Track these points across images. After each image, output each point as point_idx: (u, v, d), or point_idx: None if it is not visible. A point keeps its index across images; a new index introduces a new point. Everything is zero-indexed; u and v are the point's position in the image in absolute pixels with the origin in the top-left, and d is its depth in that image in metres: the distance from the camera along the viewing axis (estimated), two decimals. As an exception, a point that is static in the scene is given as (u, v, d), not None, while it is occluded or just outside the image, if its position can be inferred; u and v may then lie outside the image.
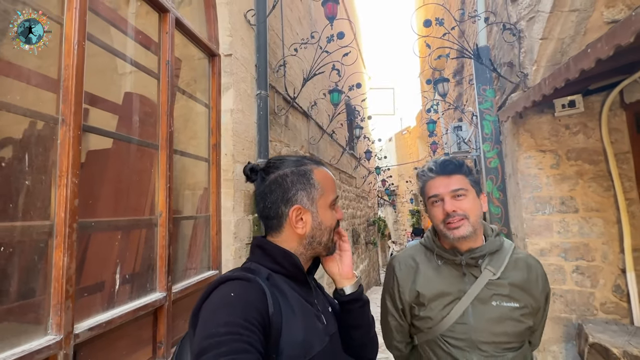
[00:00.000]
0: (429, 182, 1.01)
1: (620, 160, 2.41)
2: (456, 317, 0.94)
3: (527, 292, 0.95)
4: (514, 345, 0.93)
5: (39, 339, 0.96)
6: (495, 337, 0.92)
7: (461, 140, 4.70)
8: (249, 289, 0.60)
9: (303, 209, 0.70)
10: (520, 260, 1.00)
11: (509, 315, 0.93)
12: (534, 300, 0.96)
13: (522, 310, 0.93)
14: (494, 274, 0.95)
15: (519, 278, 0.96)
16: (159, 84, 1.62)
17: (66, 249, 1.02)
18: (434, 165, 1.01)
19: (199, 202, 1.96)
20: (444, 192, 0.96)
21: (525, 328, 0.94)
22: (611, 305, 2.36)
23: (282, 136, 3.16)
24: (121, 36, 1.47)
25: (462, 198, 0.95)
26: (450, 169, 0.98)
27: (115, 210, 1.35)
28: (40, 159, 1.03)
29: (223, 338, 0.51)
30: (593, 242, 2.43)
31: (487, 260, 0.97)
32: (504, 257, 0.98)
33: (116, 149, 1.38)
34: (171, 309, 1.50)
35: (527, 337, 0.97)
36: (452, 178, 0.97)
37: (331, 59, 3.32)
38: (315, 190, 0.72)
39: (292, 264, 0.69)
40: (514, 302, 0.94)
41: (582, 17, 2.31)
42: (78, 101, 1.10)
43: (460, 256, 0.97)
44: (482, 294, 0.94)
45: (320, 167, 0.76)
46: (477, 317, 0.93)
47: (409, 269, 1.05)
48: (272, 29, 3.01)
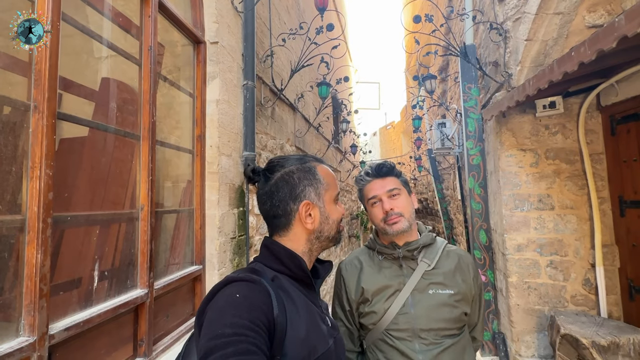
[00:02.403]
0: (367, 185, 1.10)
1: (595, 161, 2.52)
2: (398, 308, 1.01)
3: (459, 278, 1.06)
4: (452, 332, 1.01)
5: (10, 341, 0.90)
6: (434, 324, 0.99)
7: (445, 137, 4.79)
8: (254, 291, 0.60)
9: (311, 204, 0.72)
10: (451, 252, 1.11)
11: (445, 301, 1.01)
12: (467, 286, 1.05)
13: (456, 296, 1.02)
14: (428, 264, 1.05)
15: (451, 266, 1.06)
16: (141, 71, 1.53)
17: (40, 245, 0.96)
18: (370, 169, 1.11)
19: (182, 195, 1.90)
20: (381, 192, 1.06)
21: (460, 313, 1.02)
22: (581, 297, 2.50)
23: (269, 128, 3.10)
24: (98, 17, 1.37)
25: (397, 197, 1.06)
26: (384, 171, 1.09)
27: (93, 204, 1.28)
28: (10, 148, 0.95)
29: (229, 339, 0.51)
30: (567, 238, 2.55)
31: (423, 253, 1.07)
32: (437, 250, 1.08)
33: (93, 138, 1.30)
34: (153, 306, 1.45)
35: (463, 324, 1.05)
36: (386, 180, 1.08)
37: (319, 51, 3.27)
38: (321, 186, 0.74)
39: (297, 267, 0.69)
40: (448, 289, 1.03)
41: (565, 21, 2.37)
42: (52, 86, 1.02)
43: (398, 249, 1.06)
44: (419, 284, 1.03)
45: (322, 164, 0.78)
46: (416, 305, 1.01)
47: (354, 269, 1.12)
48: (259, 17, 2.92)
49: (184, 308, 1.79)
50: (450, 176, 6.06)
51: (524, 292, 2.59)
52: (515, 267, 2.63)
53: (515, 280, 2.62)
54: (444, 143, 4.80)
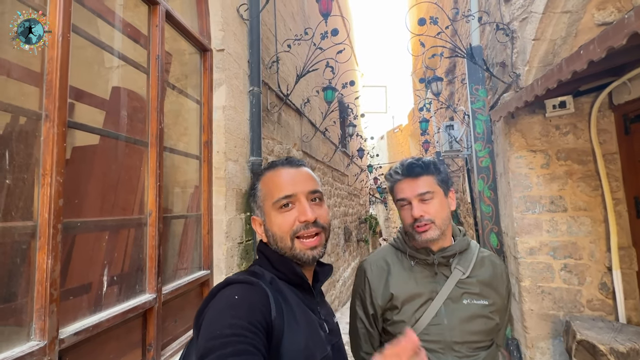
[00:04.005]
0: (397, 184, 1.00)
1: (608, 161, 2.45)
2: (430, 318, 0.94)
3: (494, 289, 0.98)
4: (485, 344, 0.95)
5: (21, 345, 0.91)
6: (468, 336, 0.93)
7: (453, 139, 4.74)
8: (253, 292, 0.60)
9: (255, 219, 0.74)
10: (485, 258, 1.03)
11: (480, 312, 0.94)
12: (500, 297, 0.99)
13: (491, 307, 0.95)
14: (463, 272, 0.97)
15: (486, 275, 0.98)
16: (149, 79, 1.57)
17: (50, 251, 0.98)
18: (400, 168, 1.00)
19: (190, 200, 1.92)
20: (410, 196, 0.96)
21: (494, 325, 0.96)
22: (597, 302, 2.41)
23: (275, 133, 3.12)
24: (108, 28, 1.41)
25: (429, 201, 0.95)
26: (416, 171, 0.97)
27: (103, 210, 1.30)
28: (22, 156, 0.98)
29: (228, 339, 0.52)
30: (581, 241, 2.48)
31: (457, 259, 0.98)
32: (471, 256, 1.00)
33: (103, 145, 1.33)
34: (161, 311, 1.46)
35: (495, 334, 0.98)
36: (419, 180, 0.96)
37: (324, 56, 3.28)
38: (258, 198, 0.73)
39: (290, 271, 0.68)
40: (484, 300, 0.95)
41: (574, 19, 2.33)
42: (63, 96, 1.05)
43: (432, 255, 0.98)
44: (453, 293, 0.95)
45: (275, 169, 0.73)
46: (450, 316, 0.93)
47: (380, 271, 1.03)
48: (264, 24, 2.96)
49: (192, 313, 1.80)
50: (460, 179, 5.98)
51: (537, 296, 2.53)
52: (527, 271, 2.56)
53: (528, 285, 2.55)
54: (452, 145, 4.76)
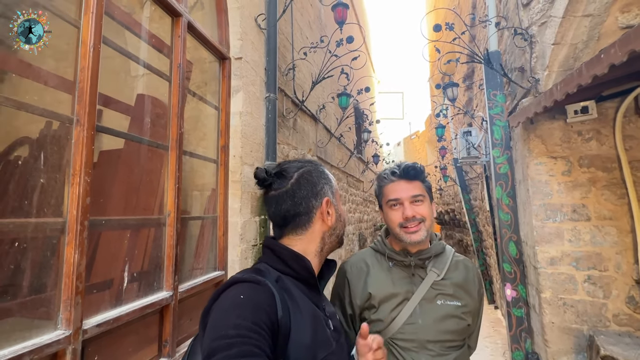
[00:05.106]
0: (390, 185, 1.05)
1: (635, 168, 2.35)
2: (405, 317, 0.98)
3: (467, 291, 1.04)
4: (457, 344, 0.99)
5: (49, 333, 0.98)
6: (441, 335, 0.97)
7: (470, 146, 4.66)
8: (259, 292, 0.60)
9: (330, 201, 0.75)
10: (459, 262, 1.08)
11: (453, 313, 0.99)
12: (472, 299, 1.04)
13: (464, 308, 1.01)
14: (438, 274, 1.02)
15: (460, 278, 1.04)
16: (171, 86, 1.65)
17: (77, 246, 1.05)
18: (397, 169, 1.05)
19: (206, 202, 1.99)
20: (404, 196, 1.01)
21: (466, 326, 1.01)
22: (624, 317, 2.29)
23: (290, 139, 3.18)
24: (135, 39, 1.50)
25: (420, 203, 1.01)
26: (412, 174, 1.03)
27: (125, 209, 1.38)
28: (55, 157, 1.06)
29: (233, 340, 0.52)
30: (606, 252, 2.37)
31: (432, 262, 1.04)
32: (446, 260, 1.06)
33: (127, 149, 1.41)
34: (177, 308, 1.52)
35: (466, 335, 1.04)
36: (413, 183, 1.02)
37: (340, 62, 3.33)
38: (333, 186, 0.78)
39: (303, 268, 0.69)
40: (457, 301, 1.01)
41: (596, 22, 2.27)
42: (92, 102, 1.14)
43: (410, 257, 1.03)
44: (428, 294, 1.00)
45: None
46: (424, 316, 0.98)
47: (360, 271, 1.07)
48: (282, 33, 3.04)
49: (206, 312, 1.85)
50: (478, 186, 5.84)
51: (559, 309, 2.42)
52: (548, 282, 2.47)
53: (549, 296, 2.45)
54: (469, 152, 4.67)
